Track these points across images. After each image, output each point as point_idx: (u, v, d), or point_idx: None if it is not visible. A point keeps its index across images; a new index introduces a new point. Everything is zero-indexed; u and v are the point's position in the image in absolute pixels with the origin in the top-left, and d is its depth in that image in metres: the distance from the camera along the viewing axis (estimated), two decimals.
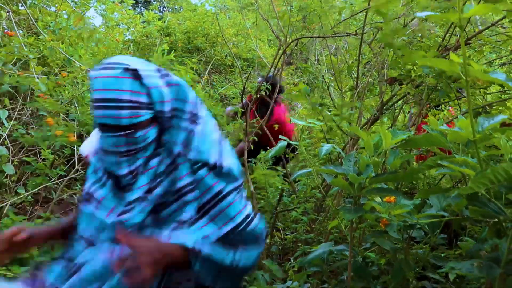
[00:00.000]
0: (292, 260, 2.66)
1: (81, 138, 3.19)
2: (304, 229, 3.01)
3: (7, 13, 3.87)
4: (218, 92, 6.63)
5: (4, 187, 3.34)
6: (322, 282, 2.10)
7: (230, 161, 1.31)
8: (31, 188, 3.00)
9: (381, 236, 1.48)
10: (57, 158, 3.27)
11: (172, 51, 5.51)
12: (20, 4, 4.13)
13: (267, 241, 3.10)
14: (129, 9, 7.14)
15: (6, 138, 3.19)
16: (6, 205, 3.01)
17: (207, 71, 7.18)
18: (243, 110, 3.32)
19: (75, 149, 3.53)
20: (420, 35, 2.58)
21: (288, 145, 1.66)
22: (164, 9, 10.79)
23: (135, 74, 1.19)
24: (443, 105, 2.92)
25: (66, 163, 3.44)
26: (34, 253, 2.55)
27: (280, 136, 1.74)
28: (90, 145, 1.38)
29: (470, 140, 1.16)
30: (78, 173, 3.35)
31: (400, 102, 3.01)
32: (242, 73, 4.31)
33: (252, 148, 3.34)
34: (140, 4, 12.88)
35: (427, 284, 1.70)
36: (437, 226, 1.38)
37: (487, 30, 2.47)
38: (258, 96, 3.37)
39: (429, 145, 1.32)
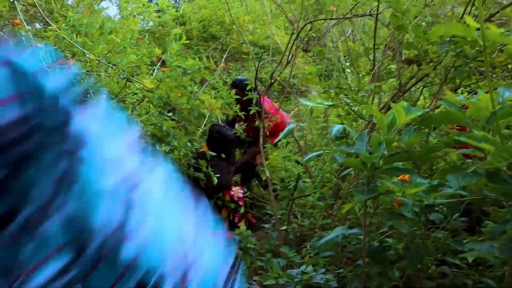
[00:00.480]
0: (308, 247, 2.62)
1: None
2: (321, 215, 2.96)
3: (23, 6, 3.88)
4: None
5: None
6: (339, 267, 2.05)
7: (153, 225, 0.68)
8: None
9: (398, 219, 1.42)
10: None
11: (187, 39, 5.48)
12: None
13: (285, 227, 3.08)
14: None
15: None
16: None
17: (223, 59, 7.15)
18: (257, 96, 3.27)
19: None
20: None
21: None
22: None
23: None
24: (463, 88, 2.82)
25: None
26: None
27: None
28: None
29: (491, 116, 1.09)
30: None
31: (419, 84, 2.92)
32: (255, 60, 4.25)
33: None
34: None
35: (446, 269, 1.63)
36: (456, 208, 1.30)
37: None
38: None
39: (446, 123, 1.25)
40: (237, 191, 3.88)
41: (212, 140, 3.89)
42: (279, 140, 1.76)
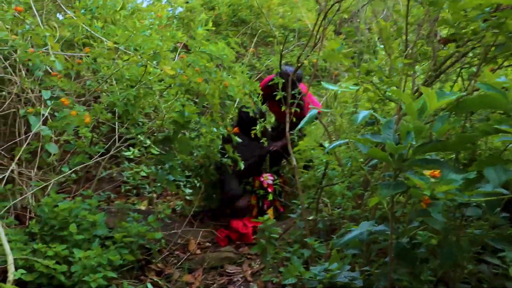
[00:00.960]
0: (335, 239, 2.50)
1: (113, 114, 3.14)
2: (351, 205, 2.83)
3: None
4: (265, 65, 6.52)
5: (49, 166, 3.39)
6: (368, 262, 1.93)
7: None
8: (72, 166, 3.00)
9: (430, 216, 1.28)
10: (95, 136, 3.26)
11: (216, 25, 5.40)
12: None
13: (312, 217, 2.97)
14: None
15: (49, 118, 3.21)
16: (50, 184, 3.03)
17: (253, 44, 7.04)
18: (283, 81, 3.15)
19: (116, 127, 3.52)
20: None
21: None
22: None
23: None
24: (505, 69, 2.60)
25: (104, 140, 3.43)
26: (73, 231, 2.54)
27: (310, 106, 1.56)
28: None
29: None
30: (118, 150, 3.33)
31: (456, 65, 2.72)
32: (280, 44, 4.11)
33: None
34: None
35: (485, 269, 1.48)
36: (496, 204, 1.16)
37: None
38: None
39: (484, 107, 1.10)
40: (266, 178, 3.79)
41: (240, 121, 3.86)
42: (302, 127, 1.65)
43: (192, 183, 3.81)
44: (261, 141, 3.72)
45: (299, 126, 1.54)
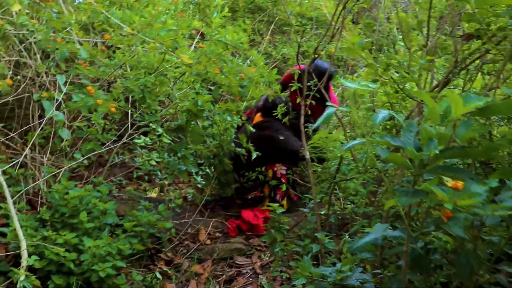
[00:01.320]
0: (347, 236, 2.47)
1: (126, 101, 3.12)
2: (364, 202, 2.78)
3: None
4: (281, 53, 6.44)
5: (61, 152, 3.39)
6: (381, 264, 1.89)
7: None
8: (84, 153, 2.99)
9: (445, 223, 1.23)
10: (108, 123, 3.24)
11: (233, 11, 5.35)
12: None
13: (324, 212, 2.93)
14: None
15: (63, 103, 3.20)
16: (62, 170, 3.02)
17: (269, 32, 6.96)
18: (299, 72, 3.09)
19: (129, 114, 3.50)
20: None
21: None
22: None
23: None
24: None
25: (117, 127, 3.41)
26: (83, 219, 2.54)
27: (328, 103, 1.51)
28: None
29: None
30: (132, 137, 3.31)
31: (477, 62, 2.64)
32: (298, 33, 4.03)
33: None
34: None
35: (501, 279, 1.43)
36: None
37: None
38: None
39: (510, 113, 1.04)
40: (280, 168, 3.75)
41: (264, 109, 3.85)
42: (318, 126, 1.61)
43: (204, 171, 3.78)
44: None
45: (314, 126, 1.50)
